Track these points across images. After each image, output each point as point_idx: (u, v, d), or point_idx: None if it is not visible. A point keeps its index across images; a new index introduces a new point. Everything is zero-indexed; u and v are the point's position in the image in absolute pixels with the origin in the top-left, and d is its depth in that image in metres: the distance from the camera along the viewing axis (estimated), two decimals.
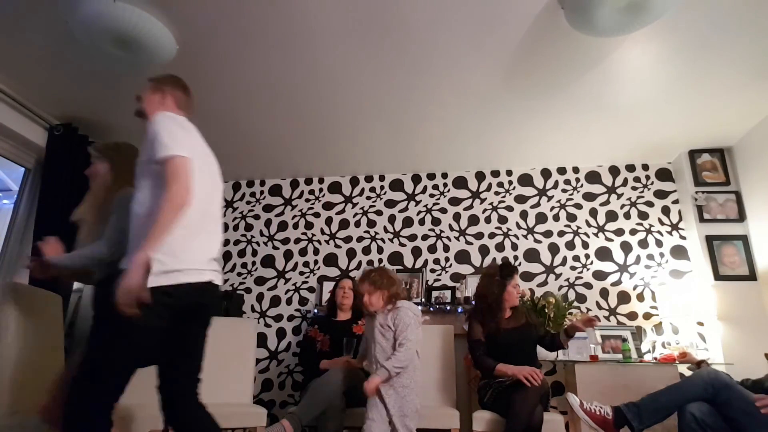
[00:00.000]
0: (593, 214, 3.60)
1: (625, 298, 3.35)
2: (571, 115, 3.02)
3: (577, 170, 3.74)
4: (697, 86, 2.68)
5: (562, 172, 3.75)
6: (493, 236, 3.66)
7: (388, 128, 3.24)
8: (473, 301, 2.99)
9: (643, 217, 3.53)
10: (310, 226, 3.93)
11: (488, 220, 3.72)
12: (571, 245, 3.55)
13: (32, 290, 2.29)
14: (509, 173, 3.82)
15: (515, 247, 3.61)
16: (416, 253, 3.71)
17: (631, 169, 3.66)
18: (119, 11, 2.08)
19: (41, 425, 1.75)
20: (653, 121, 3.06)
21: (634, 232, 3.50)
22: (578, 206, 3.64)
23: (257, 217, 4.02)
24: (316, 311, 3.58)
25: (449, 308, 3.34)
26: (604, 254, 3.48)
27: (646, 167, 3.64)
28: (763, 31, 2.25)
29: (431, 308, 3.37)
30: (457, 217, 3.77)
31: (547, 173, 3.77)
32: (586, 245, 3.53)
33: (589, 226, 3.58)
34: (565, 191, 3.70)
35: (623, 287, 3.38)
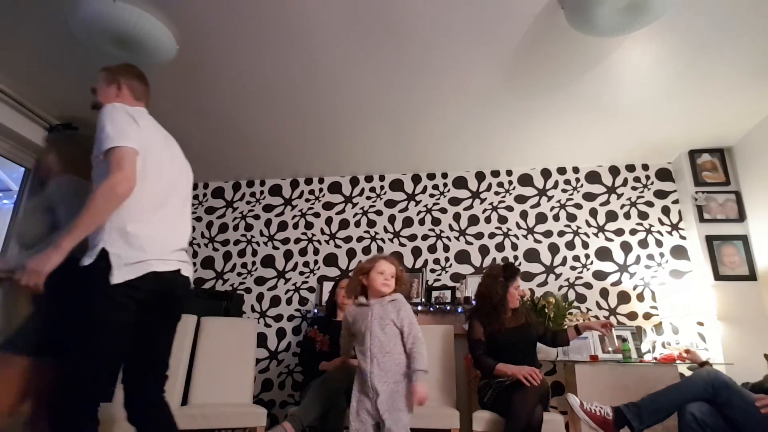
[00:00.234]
0: (593, 214, 3.60)
1: (625, 298, 3.35)
2: (571, 115, 3.02)
3: (577, 170, 3.74)
4: (697, 86, 2.69)
5: (562, 172, 3.75)
6: (493, 236, 3.66)
7: (388, 128, 3.24)
8: (474, 301, 2.99)
9: (643, 217, 3.53)
10: (310, 226, 3.93)
11: (488, 220, 3.72)
12: (571, 245, 3.55)
13: None
14: (509, 173, 3.82)
15: (515, 247, 3.61)
16: (416, 253, 3.71)
17: (631, 169, 3.66)
18: (119, 11, 2.08)
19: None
20: (653, 121, 3.06)
21: (634, 232, 3.50)
22: (578, 206, 3.64)
23: (257, 217, 4.02)
24: (316, 311, 3.58)
25: (449, 308, 3.34)
26: (604, 254, 3.49)
27: (646, 167, 3.64)
28: (763, 31, 2.25)
29: (431, 308, 3.37)
30: (457, 217, 3.77)
31: (547, 173, 3.77)
32: (586, 245, 3.53)
33: (589, 226, 3.58)
34: (565, 191, 3.70)
35: (623, 287, 3.38)
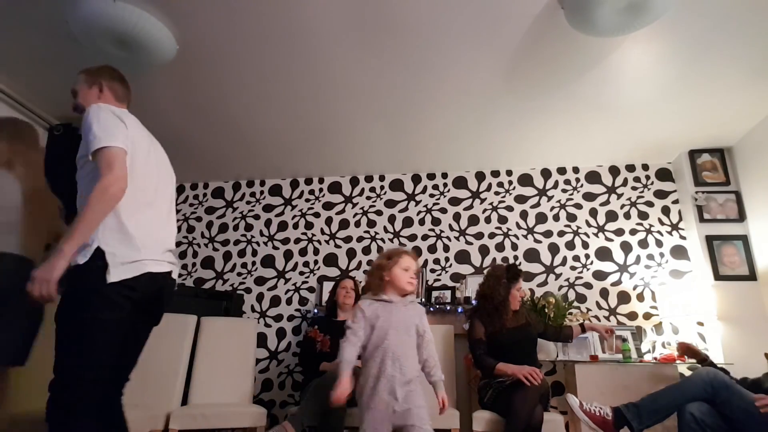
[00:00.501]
0: (593, 214, 3.60)
1: (625, 298, 3.35)
2: (571, 115, 3.02)
3: (577, 170, 3.74)
4: (697, 86, 2.69)
5: (562, 172, 3.75)
6: (493, 236, 3.66)
7: (388, 128, 3.24)
8: (474, 300, 2.99)
9: (643, 217, 3.53)
10: (310, 226, 3.93)
11: (488, 220, 3.72)
12: (571, 245, 3.55)
13: None
14: (509, 173, 3.82)
15: (515, 247, 3.61)
16: (416, 253, 3.71)
17: (631, 169, 3.66)
18: (119, 11, 2.08)
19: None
20: (653, 121, 3.06)
21: (634, 232, 3.50)
22: (578, 206, 3.64)
23: (257, 217, 4.02)
24: (316, 311, 3.58)
25: (449, 308, 3.34)
26: (604, 254, 3.49)
27: (646, 167, 3.64)
28: (763, 31, 2.25)
29: (431, 308, 3.37)
30: (457, 217, 3.77)
31: (547, 173, 3.77)
32: (586, 245, 3.53)
33: (589, 226, 3.58)
34: (565, 191, 3.70)
35: (623, 287, 3.38)
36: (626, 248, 3.47)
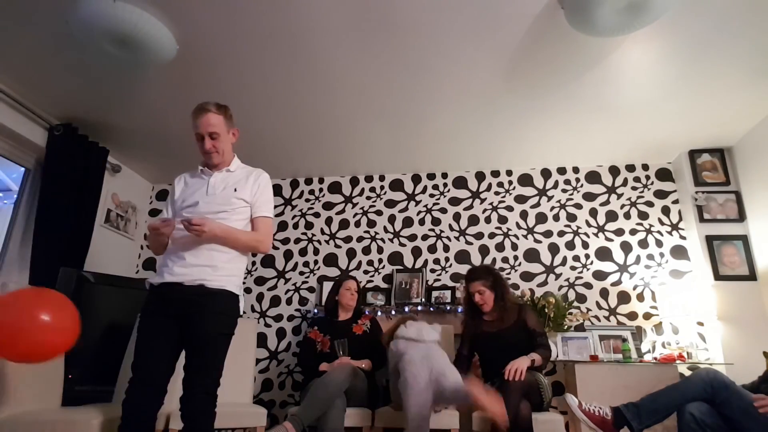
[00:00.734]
0: (593, 214, 3.60)
1: (625, 298, 3.35)
2: (571, 115, 3.02)
3: (577, 170, 3.74)
4: (697, 86, 2.68)
5: (562, 172, 3.75)
6: (493, 236, 3.66)
7: (388, 128, 3.24)
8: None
9: (643, 217, 3.53)
10: (310, 226, 3.93)
11: (488, 220, 3.72)
12: (571, 245, 3.55)
13: None
14: (509, 173, 3.82)
15: (515, 247, 3.61)
16: (416, 253, 3.71)
17: (631, 169, 3.66)
18: (119, 11, 2.08)
19: None
20: (653, 121, 3.06)
21: (634, 232, 3.50)
22: (578, 206, 3.64)
23: None
24: (315, 311, 3.58)
25: (449, 308, 3.34)
26: (604, 254, 3.49)
27: (646, 167, 3.64)
28: (763, 31, 2.25)
29: (431, 308, 3.38)
30: (457, 217, 3.77)
31: (547, 173, 3.77)
32: (586, 245, 3.53)
33: (589, 226, 3.58)
34: (565, 191, 3.70)
35: (623, 287, 3.38)
36: (626, 248, 3.47)
